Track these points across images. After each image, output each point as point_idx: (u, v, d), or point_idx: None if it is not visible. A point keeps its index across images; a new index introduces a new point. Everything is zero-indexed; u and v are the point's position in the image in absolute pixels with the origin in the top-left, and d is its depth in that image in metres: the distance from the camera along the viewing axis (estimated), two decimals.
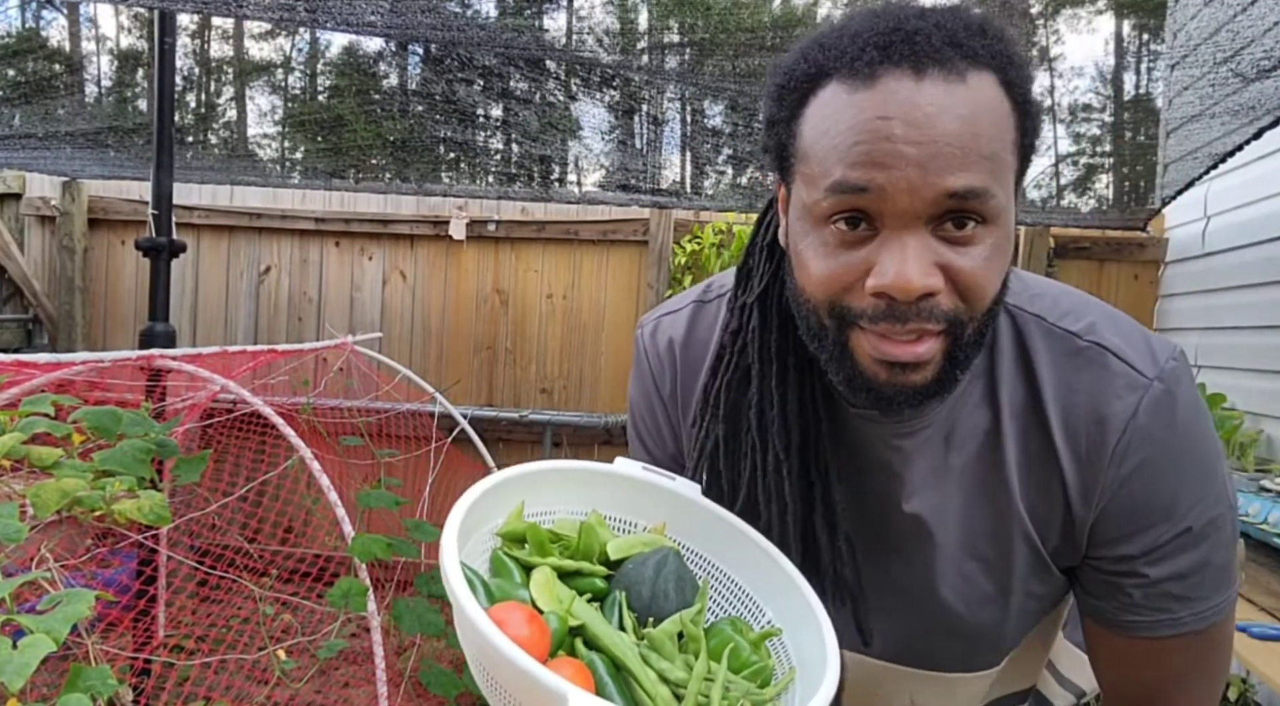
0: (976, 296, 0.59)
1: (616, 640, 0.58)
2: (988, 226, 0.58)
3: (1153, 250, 3.31)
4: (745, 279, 0.77)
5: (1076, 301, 0.71)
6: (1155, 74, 2.85)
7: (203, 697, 2.16)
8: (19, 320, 3.92)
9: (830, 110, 0.59)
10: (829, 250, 0.60)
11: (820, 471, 0.72)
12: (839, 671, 0.56)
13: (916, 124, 0.55)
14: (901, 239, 0.57)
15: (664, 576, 0.63)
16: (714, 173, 3.45)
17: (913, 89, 0.56)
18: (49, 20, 4.04)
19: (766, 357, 0.72)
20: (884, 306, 0.58)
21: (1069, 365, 0.67)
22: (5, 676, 0.86)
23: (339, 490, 1.98)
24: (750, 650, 0.61)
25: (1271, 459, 2.43)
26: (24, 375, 1.60)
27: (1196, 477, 0.65)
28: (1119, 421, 0.64)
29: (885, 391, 0.61)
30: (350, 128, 3.23)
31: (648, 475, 0.72)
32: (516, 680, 0.48)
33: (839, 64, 0.59)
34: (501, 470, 0.68)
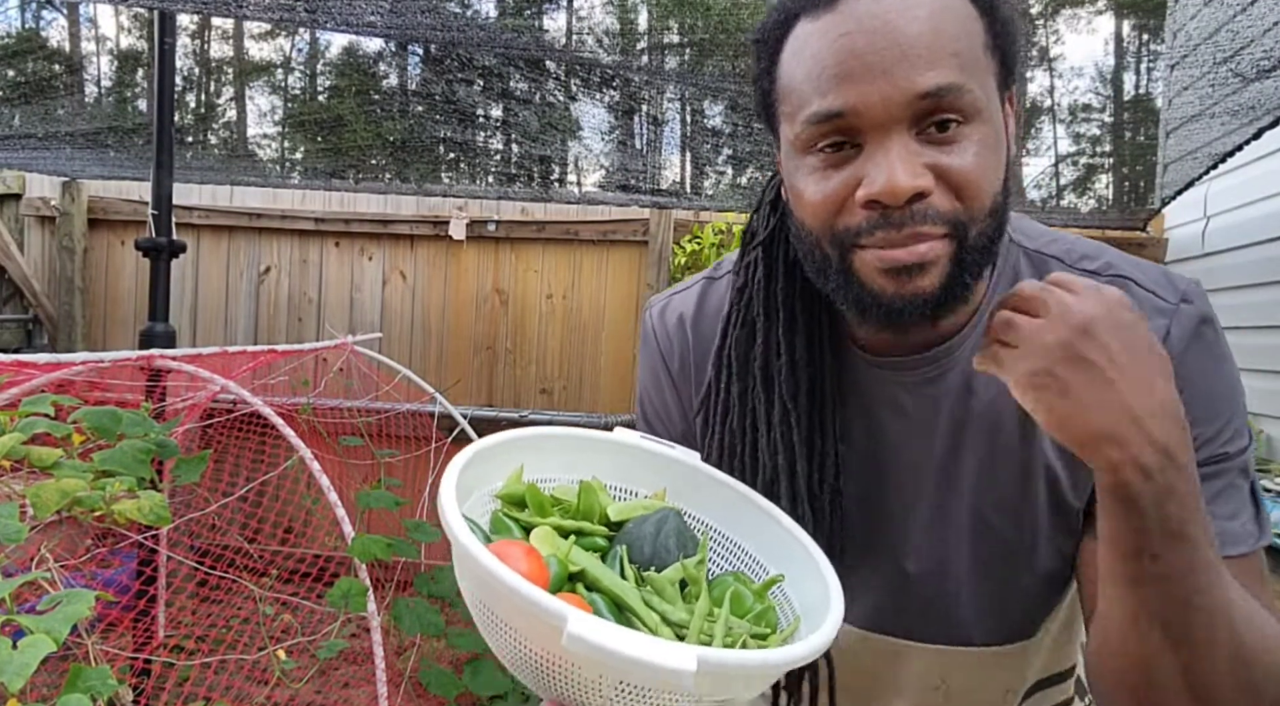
0: (971, 194, 0.59)
1: (617, 583, 0.58)
2: (971, 124, 0.58)
3: (1153, 250, 3.32)
4: (750, 237, 0.78)
5: (1090, 246, 0.73)
6: (1155, 74, 2.85)
7: (203, 698, 2.16)
8: (19, 320, 3.93)
9: (800, 44, 0.62)
10: (818, 174, 0.62)
11: (829, 423, 0.72)
12: (841, 611, 0.56)
13: (877, 31, 0.57)
14: (884, 146, 0.58)
15: (665, 533, 0.64)
16: (714, 173, 3.45)
17: (870, 2, 0.58)
18: (49, 20, 4.05)
19: (772, 308, 0.73)
20: (878, 216, 0.59)
21: None
22: (5, 676, 0.86)
23: (339, 490, 1.98)
24: (753, 598, 0.62)
25: (1271, 459, 2.43)
26: (24, 375, 1.60)
27: (1227, 397, 0.66)
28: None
29: (894, 303, 0.61)
30: (350, 128, 3.23)
31: (646, 443, 0.72)
32: (516, 607, 0.47)
33: (801, 4, 0.62)
34: (501, 432, 0.67)
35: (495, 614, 0.51)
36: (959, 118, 0.58)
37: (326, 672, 2.70)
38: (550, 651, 0.48)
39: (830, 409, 0.73)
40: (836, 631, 0.53)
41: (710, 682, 0.47)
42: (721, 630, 0.56)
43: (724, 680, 0.48)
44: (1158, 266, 0.70)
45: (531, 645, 0.49)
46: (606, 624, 0.45)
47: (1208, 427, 0.65)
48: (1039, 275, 0.70)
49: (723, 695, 0.50)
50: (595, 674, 0.47)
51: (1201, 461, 0.65)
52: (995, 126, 0.60)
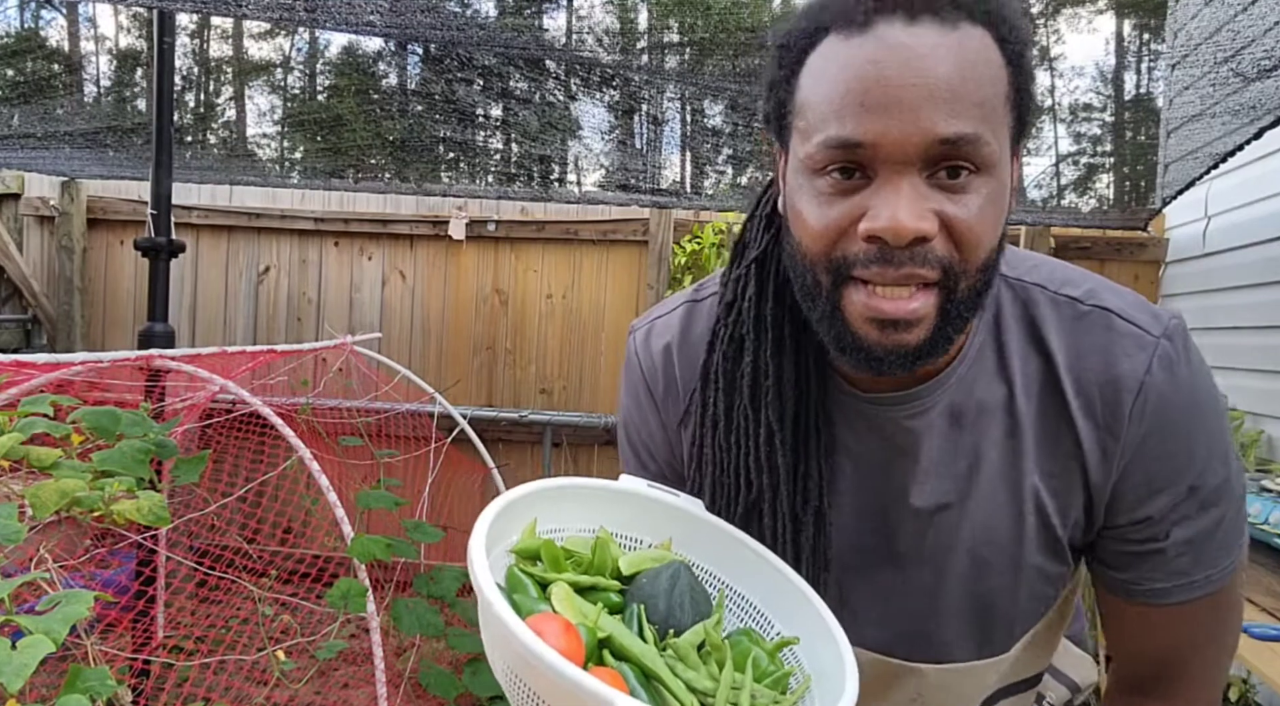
0: (970, 245, 0.59)
1: (644, 650, 0.58)
2: (982, 176, 0.58)
3: (1153, 250, 3.31)
4: (741, 251, 0.77)
5: (1074, 272, 0.72)
6: (1156, 74, 2.85)
7: (202, 698, 2.16)
8: (18, 320, 3.92)
9: (826, 61, 0.60)
10: (824, 199, 0.61)
11: (814, 446, 0.72)
12: (858, 677, 0.56)
13: (909, 65, 0.56)
14: (895, 184, 0.57)
15: (679, 589, 0.64)
16: (714, 173, 3.45)
17: (905, 33, 0.56)
18: (48, 20, 4.04)
19: (762, 326, 0.72)
20: (876, 250, 0.58)
21: (1075, 329, 0.68)
22: (4, 677, 0.86)
23: (338, 490, 1.98)
24: (768, 659, 0.62)
25: (1272, 459, 2.43)
26: (23, 375, 1.59)
27: (1210, 433, 0.66)
28: (1133, 380, 0.65)
29: (876, 352, 0.61)
30: (349, 127, 3.22)
31: (653, 492, 0.72)
32: (560, 688, 0.47)
33: (835, 17, 0.60)
34: (511, 489, 0.67)
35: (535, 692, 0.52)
36: (971, 167, 0.58)
37: (326, 673, 2.70)
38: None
39: (815, 432, 0.72)
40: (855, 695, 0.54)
41: None
42: (747, 699, 0.56)
43: None
44: (1139, 297, 0.70)
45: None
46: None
47: (1195, 468, 0.66)
48: (1022, 306, 0.70)
49: None
50: None
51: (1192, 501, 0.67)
52: (1003, 181, 0.60)
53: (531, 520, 0.68)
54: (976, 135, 0.56)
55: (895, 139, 0.56)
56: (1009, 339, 0.70)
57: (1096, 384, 0.66)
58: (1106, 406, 0.66)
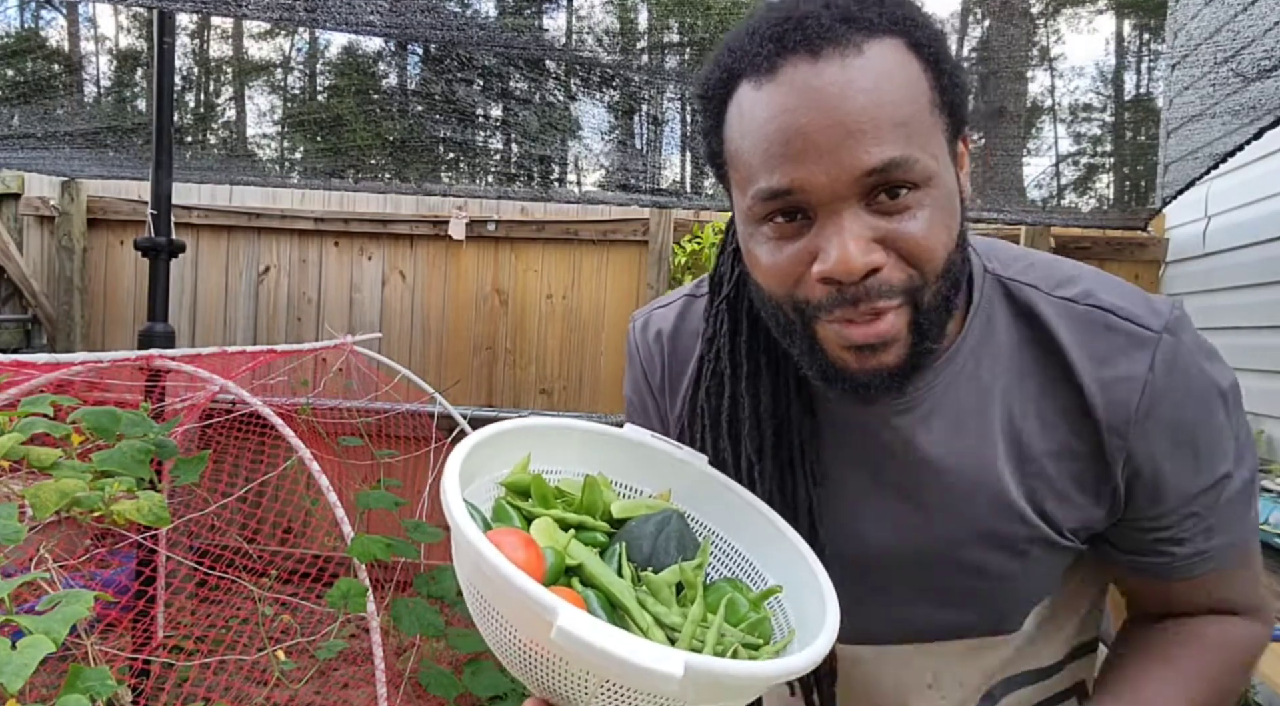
0: (924, 259, 0.59)
1: (613, 580, 0.58)
2: (921, 190, 0.58)
3: (1153, 250, 3.31)
4: (717, 285, 0.78)
5: (1069, 269, 0.72)
6: (1156, 74, 2.84)
7: (202, 698, 2.16)
8: (18, 320, 3.92)
9: (744, 111, 0.61)
10: (773, 245, 0.62)
11: (800, 470, 0.72)
12: (836, 624, 0.56)
13: (820, 108, 0.56)
14: (836, 222, 0.57)
15: (666, 534, 0.64)
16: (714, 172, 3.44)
17: (811, 73, 0.56)
18: (48, 20, 4.04)
19: (737, 360, 0.73)
20: (834, 293, 0.59)
21: (1076, 328, 0.68)
22: (4, 677, 0.86)
23: (338, 490, 1.98)
24: (749, 607, 0.61)
25: (1272, 459, 2.43)
26: (23, 375, 1.59)
27: (1218, 422, 0.66)
28: (1137, 379, 0.65)
29: (859, 377, 0.62)
30: (349, 127, 3.22)
31: (656, 442, 0.72)
32: (508, 596, 0.47)
33: (744, 64, 0.60)
34: (512, 420, 0.67)
35: (487, 600, 0.52)
36: (908, 185, 0.57)
37: (326, 673, 2.70)
38: (539, 643, 0.48)
39: (800, 455, 0.73)
40: (829, 647, 0.53)
41: (696, 690, 0.47)
42: (714, 637, 0.56)
43: (710, 688, 0.48)
44: (1135, 289, 0.69)
45: (521, 635, 0.50)
46: (597, 621, 0.45)
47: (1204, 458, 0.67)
48: (1016, 306, 0.70)
49: (708, 700, 0.50)
50: (582, 670, 0.47)
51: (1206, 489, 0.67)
52: (947, 187, 0.60)
53: (525, 455, 0.67)
54: (904, 157, 0.56)
55: (823, 182, 0.56)
56: (1005, 337, 0.70)
57: (1101, 382, 0.66)
58: (1112, 404, 0.66)
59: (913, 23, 0.59)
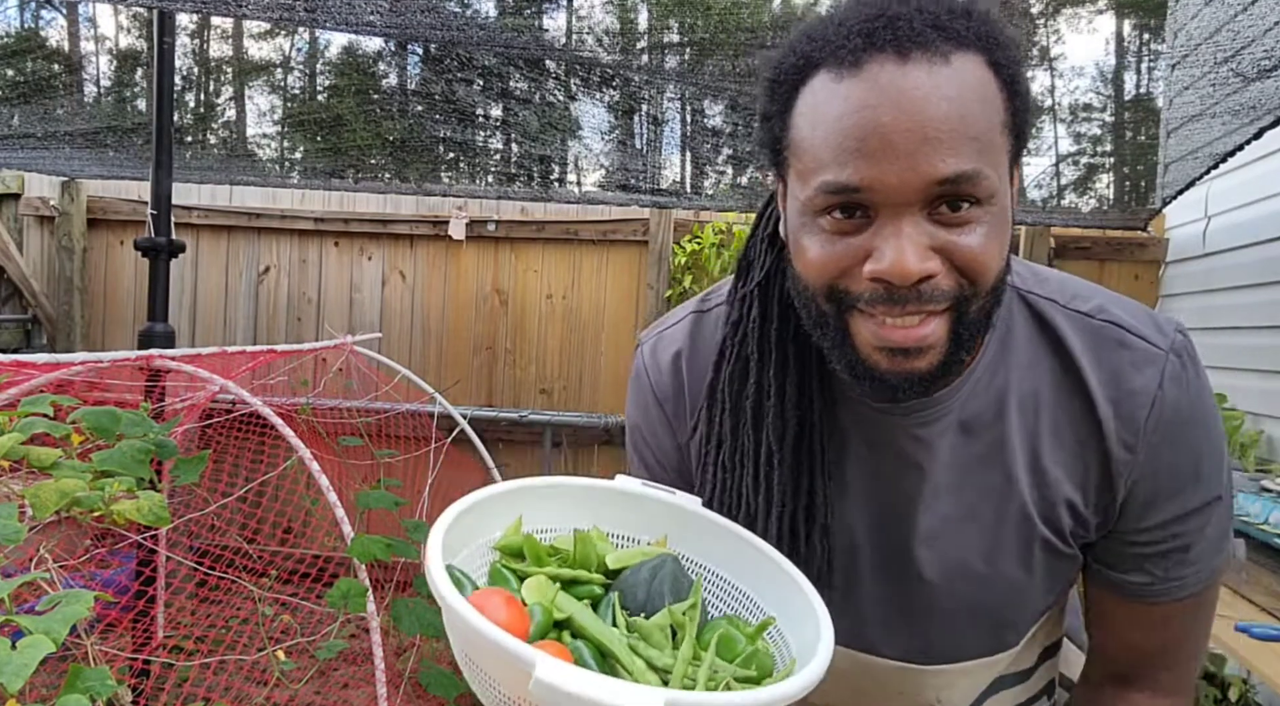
0: (978, 274, 0.59)
1: (602, 629, 0.58)
2: (983, 206, 0.58)
3: (1153, 250, 3.31)
4: (745, 271, 0.77)
5: (1081, 285, 0.73)
6: (1156, 74, 2.84)
7: (202, 698, 2.16)
8: (18, 320, 3.92)
9: (819, 101, 0.60)
10: (826, 238, 0.61)
11: (817, 463, 0.72)
12: (829, 652, 0.55)
13: (903, 109, 0.55)
14: (897, 225, 0.57)
15: (659, 578, 0.63)
16: (714, 173, 3.44)
17: (898, 73, 0.56)
18: (48, 20, 4.04)
19: (766, 348, 0.73)
20: (882, 290, 0.59)
21: (1090, 342, 0.69)
22: (4, 677, 0.86)
23: (338, 490, 1.98)
24: (745, 642, 0.61)
25: (1272, 459, 2.43)
26: (23, 375, 1.59)
27: (1213, 443, 0.69)
28: (1147, 394, 0.67)
29: (888, 378, 0.62)
30: (349, 128, 3.22)
31: (648, 490, 0.71)
32: (490, 654, 0.47)
33: (825, 54, 0.60)
34: (499, 483, 0.68)
35: (474, 662, 0.52)
36: (972, 200, 0.58)
37: (326, 673, 2.70)
38: (523, 697, 0.48)
39: (819, 450, 0.73)
40: (817, 678, 0.53)
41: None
42: (705, 674, 0.55)
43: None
44: (1144, 308, 0.72)
45: (507, 691, 0.50)
46: (573, 669, 0.45)
47: (1204, 475, 0.68)
48: (1034, 319, 0.71)
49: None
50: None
51: (1199, 507, 0.69)
52: (1005, 207, 0.60)
53: (517, 517, 0.67)
54: (976, 171, 0.56)
55: (894, 184, 0.56)
56: (1024, 351, 0.71)
57: (1113, 397, 0.68)
58: (1122, 419, 0.67)
59: (996, 42, 0.59)
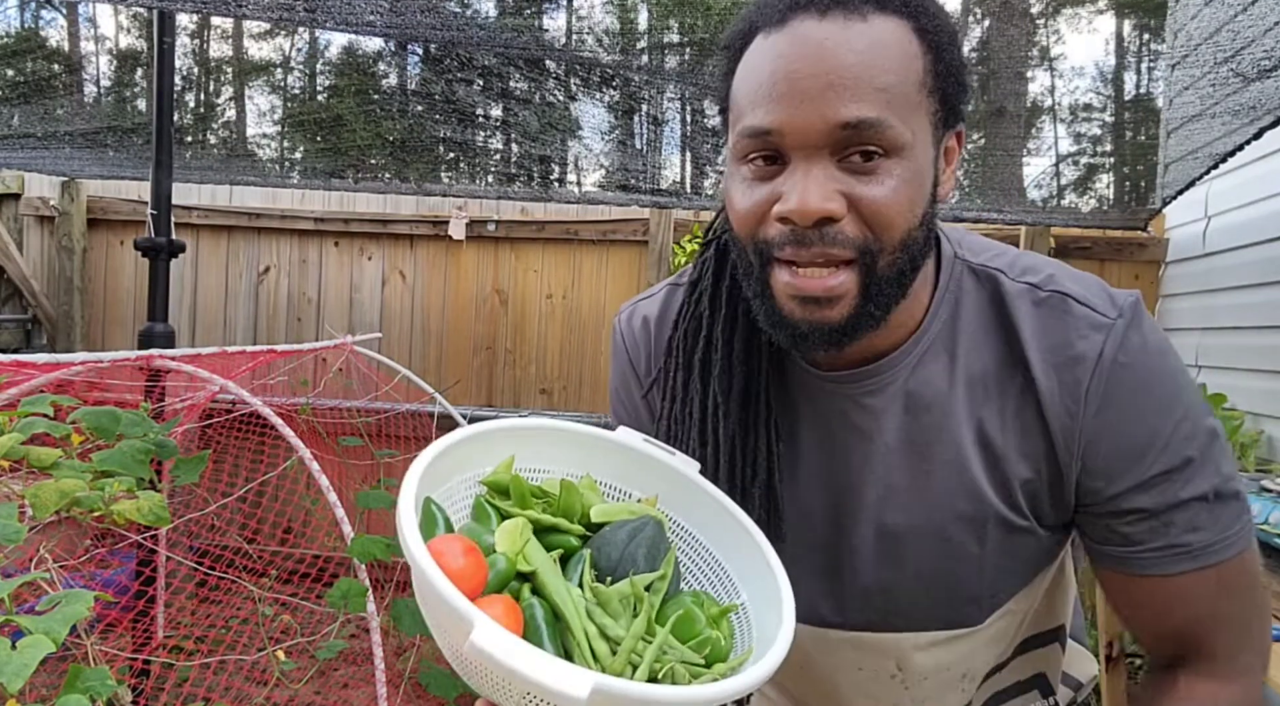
0: (883, 224, 0.61)
1: (561, 589, 0.58)
2: (893, 158, 0.61)
3: (1153, 250, 3.31)
4: (709, 235, 0.82)
5: (1035, 259, 0.74)
6: (1156, 74, 2.84)
7: (202, 698, 2.16)
8: (18, 320, 3.92)
9: (751, 59, 0.65)
10: (747, 185, 0.65)
11: (761, 420, 0.74)
12: (785, 650, 0.55)
13: (812, 58, 0.60)
14: (805, 168, 0.61)
15: (636, 542, 0.63)
16: (714, 172, 3.44)
17: (815, 27, 0.60)
18: (48, 20, 4.04)
19: (717, 304, 0.77)
20: (789, 232, 0.62)
21: (1035, 313, 0.70)
22: (4, 677, 0.86)
23: (338, 490, 1.98)
24: (706, 623, 0.61)
25: (1272, 459, 2.43)
26: (23, 375, 1.59)
27: (1171, 405, 0.67)
28: (1089, 360, 0.67)
29: (800, 327, 0.64)
30: (349, 128, 3.22)
31: (647, 446, 0.72)
32: (437, 603, 0.48)
33: (761, 18, 0.65)
34: (502, 419, 0.68)
35: (424, 601, 0.53)
36: (880, 150, 0.60)
37: (326, 673, 2.70)
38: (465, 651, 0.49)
39: (764, 408, 0.75)
40: (758, 682, 0.52)
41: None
42: (653, 653, 0.55)
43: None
44: (1099, 281, 0.72)
45: (450, 639, 0.51)
46: (509, 637, 0.45)
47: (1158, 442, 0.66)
48: (982, 289, 0.73)
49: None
50: (502, 680, 0.48)
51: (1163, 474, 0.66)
52: (919, 163, 0.63)
53: (511, 454, 0.68)
54: (879, 119, 0.59)
55: (799, 126, 0.60)
56: (971, 321, 0.72)
57: (1055, 365, 0.68)
58: (1065, 386, 0.68)
59: (923, 11, 0.63)
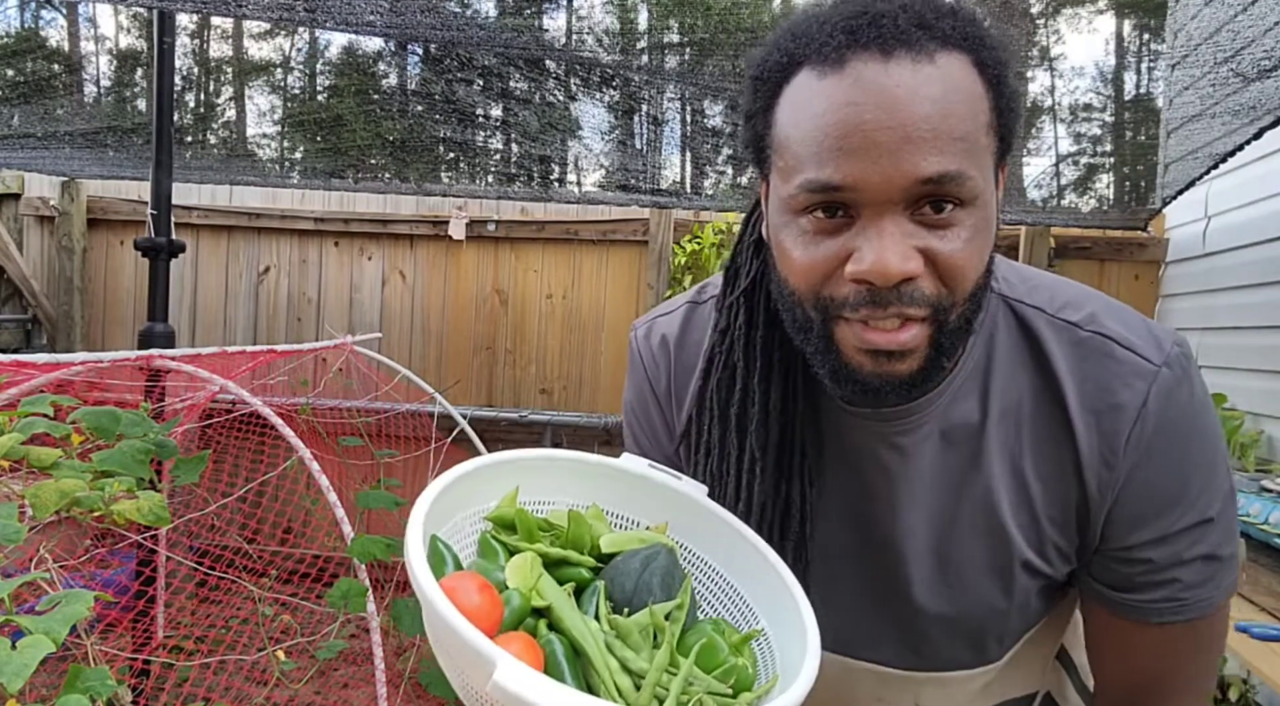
0: (958, 279, 0.59)
1: (579, 624, 0.56)
2: (966, 209, 0.58)
3: (1153, 250, 3.31)
4: (733, 277, 0.77)
5: (1075, 292, 0.71)
6: (1156, 74, 2.84)
7: (202, 698, 2.16)
8: (18, 320, 3.92)
9: (802, 98, 0.59)
10: (808, 239, 0.60)
11: (796, 470, 0.72)
12: (812, 677, 0.54)
13: (886, 108, 0.55)
14: (879, 225, 0.57)
15: (650, 570, 0.62)
16: (714, 173, 3.44)
17: (880, 71, 0.55)
18: (48, 20, 4.04)
19: (751, 355, 0.73)
20: (865, 292, 0.58)
21: (1075, 354, 0.67)
22: (4, 677, 0.86)
23: (338, 490, 1.98)
24: (729, 651, 0.59)
25: (1272, 459, 2.43)
26: (23, 375, 1.59)
27: (1206, 463, 0.66)
28: (1131, 409, 0.64)
29: (871, 382, 0.61)
30: (350, 128, 3.22)
31: (653, 472, 0.70)
32: (453, 643, 0.47)
33: (808, 51, 0.59)
34: (501, 451, 0.66)
35: (439, 643, 0.51)
36: (955, 201, 0.57)
37: (326, 673, 2.70)
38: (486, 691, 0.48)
39: (800, 458, 0.72)
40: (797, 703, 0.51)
41: None
42: (679, 685, 0.54)
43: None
44: (1143, 318, 0.69)
45: (469, 681, 0.49)
46: (534, 676, 0.44)
47: (1188, 499, 0.66)
48: (1019, 327, 0.70)
49: None
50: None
51: (1184, 531, 0.66)
52: (988, 212, 0.60)
53: (514, 487, 0.66)
54: (959, 172, 0.56)
55: (876, 183, 0.55)
56: (1006, 361, 0.70)
57: (1095, 411, 0.66)
58: (1104, 434, 0.66)
59: (982, 42, 0.59)
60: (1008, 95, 0.60)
